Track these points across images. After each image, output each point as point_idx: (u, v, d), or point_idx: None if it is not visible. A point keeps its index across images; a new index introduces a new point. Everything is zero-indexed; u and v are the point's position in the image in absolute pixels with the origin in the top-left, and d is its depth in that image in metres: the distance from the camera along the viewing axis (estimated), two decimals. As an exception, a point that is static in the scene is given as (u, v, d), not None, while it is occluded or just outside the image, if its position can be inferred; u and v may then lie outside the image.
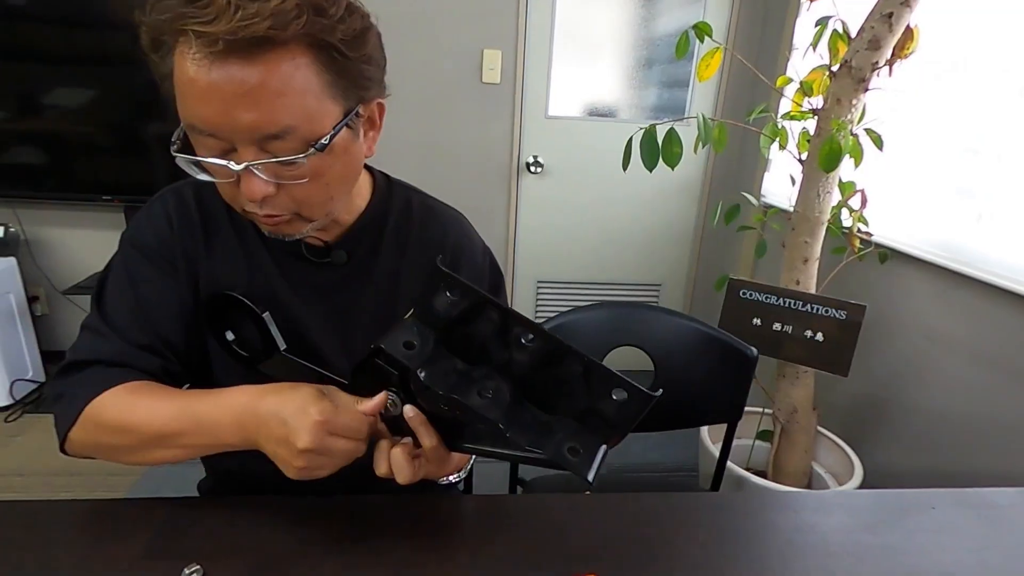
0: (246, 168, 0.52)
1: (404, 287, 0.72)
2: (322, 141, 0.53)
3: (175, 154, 0.54)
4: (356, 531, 0.61)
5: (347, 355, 0.70)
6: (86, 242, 2.24)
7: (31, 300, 2.21)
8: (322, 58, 0.51)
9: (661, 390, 0.46)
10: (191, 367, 0.68)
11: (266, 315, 0.61)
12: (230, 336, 0.61)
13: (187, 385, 0.69)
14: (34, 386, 2.15)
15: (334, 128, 0.54)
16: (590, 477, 0.46)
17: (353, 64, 0.53)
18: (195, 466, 0.83)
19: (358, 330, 0.71)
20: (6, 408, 2.05)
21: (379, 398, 0.54)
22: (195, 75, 0.49)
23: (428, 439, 0.54)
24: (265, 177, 0.53)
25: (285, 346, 0.61)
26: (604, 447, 0.48)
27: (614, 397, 0.46)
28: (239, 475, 0.75)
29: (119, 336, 0.63)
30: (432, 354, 0.51)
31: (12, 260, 2.09)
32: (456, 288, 0.50)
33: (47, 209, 2.18)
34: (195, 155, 0.55)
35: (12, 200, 2.13)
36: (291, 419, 0.51)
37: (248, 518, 0.62)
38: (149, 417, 0.57)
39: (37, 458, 1.83)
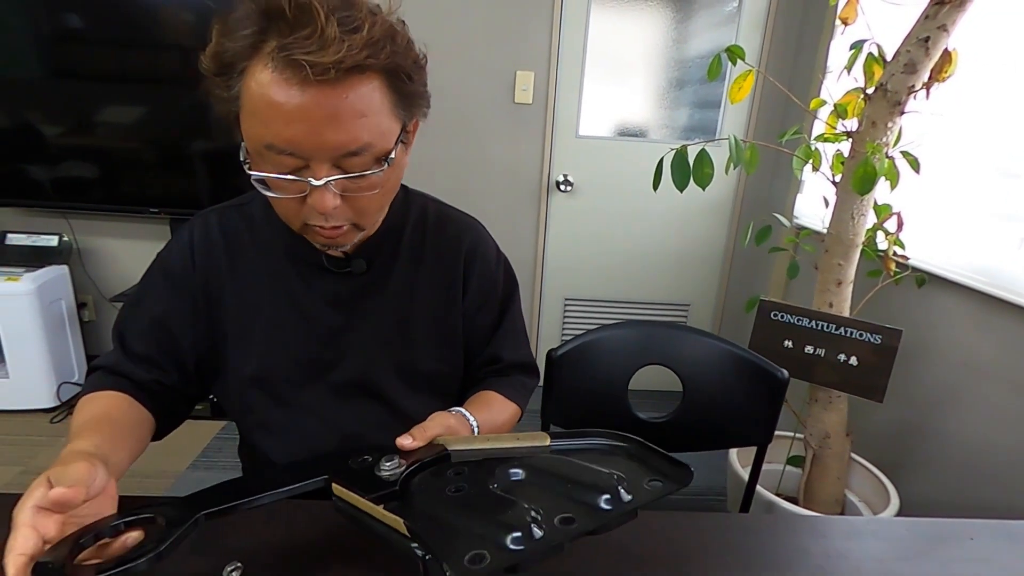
0: (325, 183, 0.56)
1: (419, 292, 0.76)
2: (391, 156, 0.58)
3: (249, 172, 0.57)
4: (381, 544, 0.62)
5: (365, 357, 0.74)
6: (133, 252, 2.35)
7: (80, 306, 2.31)
8: (391, 81, 0.56)
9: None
10: (202, 380, 0.74)
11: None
12: None
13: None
14: (79, 389, 2.24)
15: (395, 143, 0.59)
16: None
17: (414, 87, 0.59)
18: (228, 472, 0.86)
19: (377, 334, 0.74)
20: (52, 409, 2.14)
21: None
22: (283, 99, 0.52)
23: None
24: (335, 190, 0.57)
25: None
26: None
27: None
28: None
29: (121, 347, 0.71)
30: (456, 536, 0.45)
31: (64, 268, 2.20)
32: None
33: (98, 220, 2.29)
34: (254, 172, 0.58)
35: (66, 211, 2.24)
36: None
37: (286, 519, 0.64)
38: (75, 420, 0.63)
39: (79, 459, 1.90)
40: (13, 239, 2.17)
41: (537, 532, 0.44)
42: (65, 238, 2.23)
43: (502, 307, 0.83)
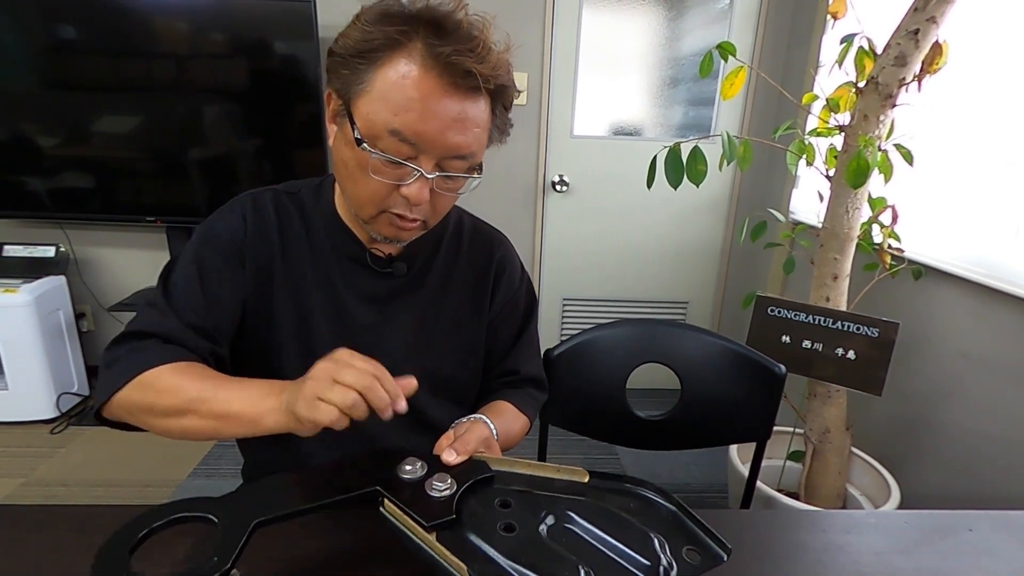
0: (435, 176, 0.62)
1: (449, 299, 0.79)
2: (481, 166, 0.66)
3: (369, 150, 0.60)
4: (386, 541, 0.62)
5: (391, 358, 0.74)
6: (130, 261, 2.35)
7: (78, 317, 2.31)
8: (497, 106, 0.64)
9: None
10: (237, 356, 0.73)
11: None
12: None
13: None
14: (79, 399, 2.24)
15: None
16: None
17: (506, 117, 0.67)
18: (229, 480, 0.86)
19: (405, 336, 0.77)
20: (52, 420, 2.14)
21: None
22: (426, 94, 0.58)
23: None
24: (432, 185, 0.63)
25: None
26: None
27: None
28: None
29: (176, 315, 0.67)
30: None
31: (62, 278, 2.20)
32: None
33: (94, 230, 2.29)
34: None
35: (63, 221, 2.24)
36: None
37: (284, 526, 0.64)
38: (192, 383, 0.60)
39: (81, 469, 1.90)
40: (10, 251, 2.17)
41: None
42: (62, 248, 2.23)
43: (523, 321, 0.86)
